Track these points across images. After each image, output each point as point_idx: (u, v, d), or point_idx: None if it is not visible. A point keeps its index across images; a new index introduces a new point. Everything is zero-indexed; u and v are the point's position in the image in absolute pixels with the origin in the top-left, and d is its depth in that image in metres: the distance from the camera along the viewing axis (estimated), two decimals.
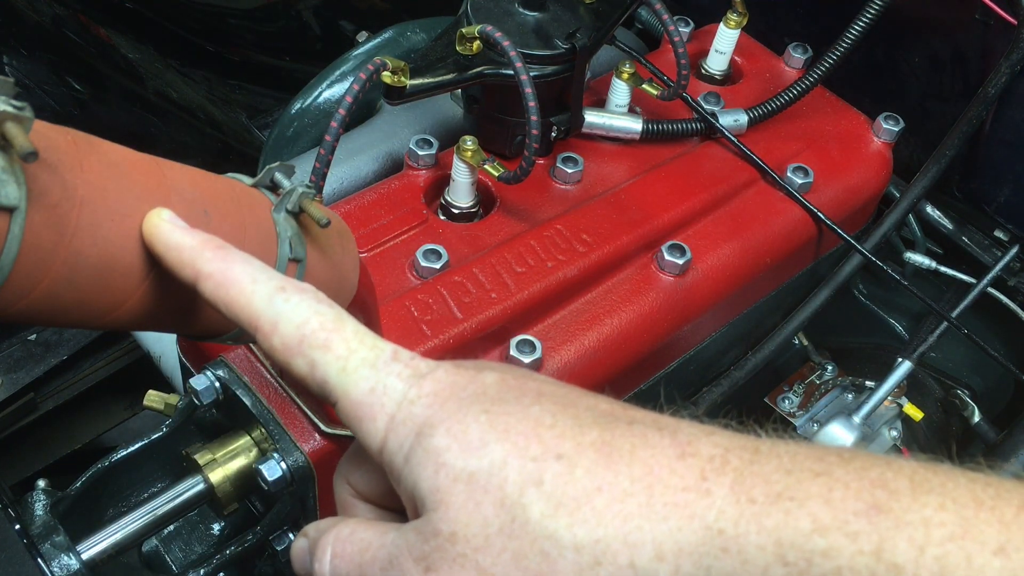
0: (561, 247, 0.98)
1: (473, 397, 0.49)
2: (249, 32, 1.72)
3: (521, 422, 0.47)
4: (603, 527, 0.44)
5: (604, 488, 0.45)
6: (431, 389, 0.49)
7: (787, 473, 0.44)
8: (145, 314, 0.52)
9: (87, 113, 1.46)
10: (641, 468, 0.45)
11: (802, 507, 0.43)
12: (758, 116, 1.15)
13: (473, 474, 0.46)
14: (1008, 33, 1.12)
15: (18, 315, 0.47)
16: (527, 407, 0.48)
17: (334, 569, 0.51)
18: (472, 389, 0.49)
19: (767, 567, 0.43)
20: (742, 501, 0.44)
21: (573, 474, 0.45)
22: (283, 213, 0.58)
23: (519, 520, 0.45)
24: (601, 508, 0.45)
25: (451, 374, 0.50)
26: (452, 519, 0.46)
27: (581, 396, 0.51)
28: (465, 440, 0.47)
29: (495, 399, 0.49)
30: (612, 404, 0.50)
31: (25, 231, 0.43)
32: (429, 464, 0.47)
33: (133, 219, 0.49)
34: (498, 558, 0.45)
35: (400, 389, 0.49)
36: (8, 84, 0.43)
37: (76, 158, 0.46)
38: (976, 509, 0.42)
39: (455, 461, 0.46)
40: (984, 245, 1.29)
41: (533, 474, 0.46)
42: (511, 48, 0.91)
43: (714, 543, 0.43)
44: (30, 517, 0.74)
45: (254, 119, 1.63)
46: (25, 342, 1.38)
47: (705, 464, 0.45)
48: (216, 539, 0.97)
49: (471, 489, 0.46)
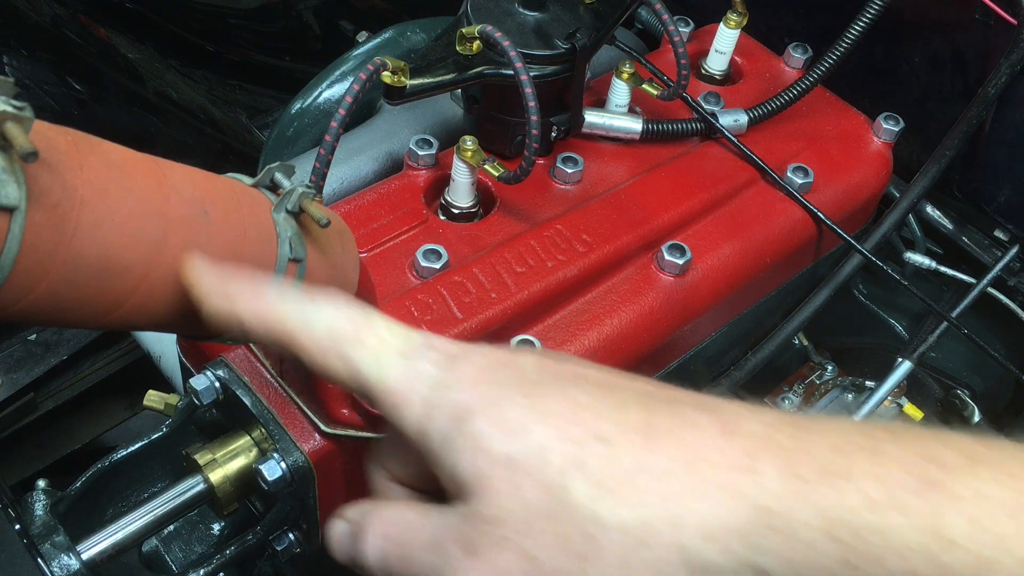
0: (561, 247, 0.98)
1: (511, 380, 0.48)
2: (249, 32, 1.72)
3: (560, 404, 0.47)
4: (648, 508, 0.44)
5: (648, 469, 0.45)
6: (468, 374, 0.49)
7: (834, 449, 0.44)
8: (145, 314, 0.52)
9: (87, 113, 1.46)
10: (684, 448, 0.45)
11: (852, 483, 0.42)
12: (758, 116, 1.15)
13: (514, 458, 0.46)
14: (1008, 33, 1.12)
15: (18, 315, 0.47)
16: (566, 389, 0.48)
17: (381, 551, 0.51)
18: (510, 372, 0.49)
19: (816, 544, 0.42)
20: (789, 479, 0.43)
21: (616, 456, 0.45)
22: (283, 213, 0.58)
23: (562, 503, 0.45)
24: (645, 489, 0.44)
25: (487, 357, 0.50)
26: (494, 503, 0.46)
27: (620, 377, 0.50)
28: (505, 424, 0.46)
29: (534, 382, 0.48)
30: (652, 384, 0.50)
31: (25, 231, 0.43)
32: (469, 449, 0.47)
33: (133, 219, 0.49)
34: (542, 541, 0.45)
35: (433, 374, 0.49)
36: (8, 84, 0.43)
37: (76, 158, 0.46)
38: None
39: (496, 446, 0.46)
40: (984, 245, 1.29)
41: (575, 456, 0.45)
42: (511, 48, 0.91)
43: (762, 521, 0.43)
44: (30, 517, 0.74)
45: (254, 119, 1.63)
46: (25, 342, 1.38)
47: (750, 442, 0.45)
48: (216, 539, 0.97)
49: (513, 473, 0.46)
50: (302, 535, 0.83)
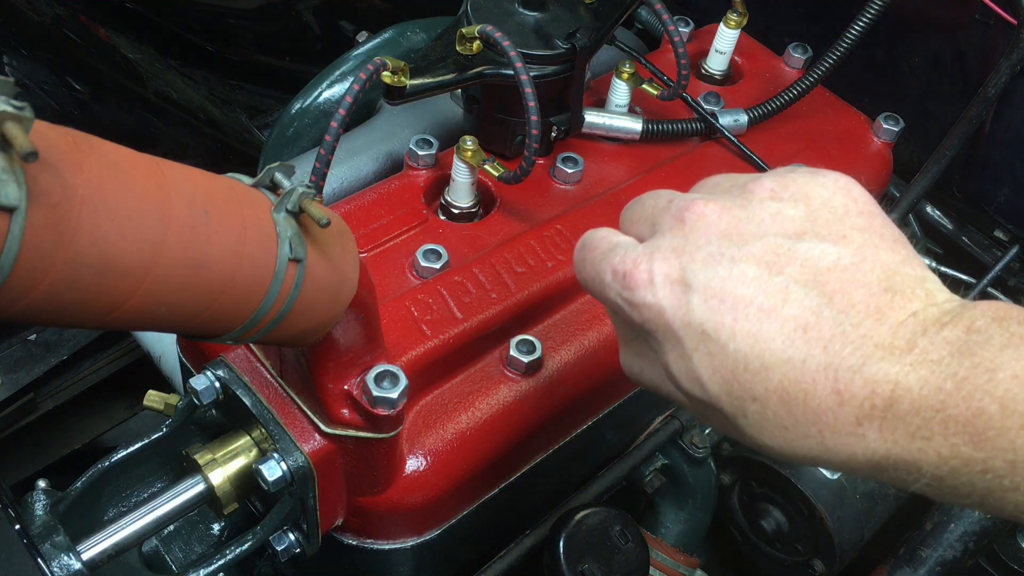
0: (561, 247, 0.98)
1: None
2: (249, 32, 1.72)
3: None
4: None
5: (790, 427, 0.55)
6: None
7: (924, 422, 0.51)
8: (145, 314, 0.52)
9: (87, 113, 1.46)
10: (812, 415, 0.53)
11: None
12: (758, 116, 1.15)
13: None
14: (1008, 33, 1.12)
15: (18, 315, 0.47)
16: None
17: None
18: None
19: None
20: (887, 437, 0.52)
21: (765, 414, 0.55)
22: (283, 213, 0.58)
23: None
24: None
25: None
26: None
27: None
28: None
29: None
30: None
31: (25, 231, 0.43)
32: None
33: (133, 219, 0.49)
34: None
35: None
36: (8, 84, 0.43)
37: (76, 158, 0.46)
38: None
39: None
40: (984, 245, 1.29)
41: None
42: (511, 48, 0.91)
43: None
44: (30, 517, 0.74)
45: (254, 119, 1.63)
46: (25, 342, 1.38)
47: (859, 411, 0.52)
48: (216, 539, 0.97)
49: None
50: (302, 535, 0.83)
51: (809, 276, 0.55)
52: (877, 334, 0.52)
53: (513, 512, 0.98)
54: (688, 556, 1.09)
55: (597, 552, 0.90)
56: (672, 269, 0.58)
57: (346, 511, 0.84)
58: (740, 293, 0.56)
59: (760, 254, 0.57)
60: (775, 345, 0.54)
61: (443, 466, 0.84)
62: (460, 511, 0.90)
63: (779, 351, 0.54)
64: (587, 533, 0.91)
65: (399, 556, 0.88)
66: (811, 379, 0.53)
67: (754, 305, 0.55)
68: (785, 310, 0.55)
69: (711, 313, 0.56)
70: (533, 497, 0.99)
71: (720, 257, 0.57)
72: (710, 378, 0.57)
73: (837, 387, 0.52)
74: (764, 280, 0.56)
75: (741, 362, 0.55)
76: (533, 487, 0.96)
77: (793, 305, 0.54)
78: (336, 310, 0.65)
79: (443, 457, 0.84)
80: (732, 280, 0.56)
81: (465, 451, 0.86)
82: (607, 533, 0.92)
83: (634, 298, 0.60)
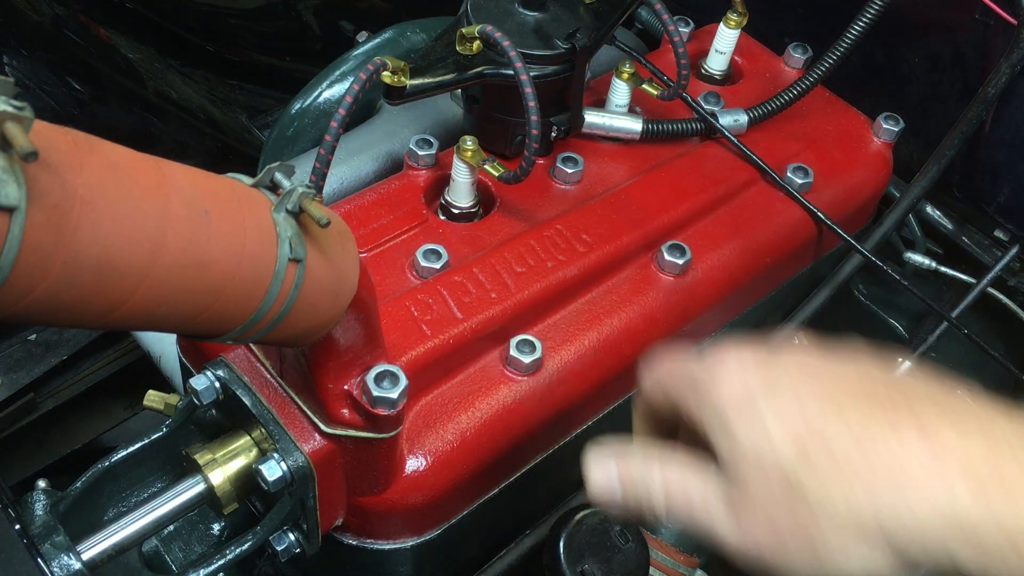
0: (561, 247, 0.98)
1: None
2: (249, 32, 1.71)
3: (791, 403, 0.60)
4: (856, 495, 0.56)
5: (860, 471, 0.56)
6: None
7: (1019, 464, 0.53)
8: (145, 314, 0.52)
9: (87, 113, 1.46)
10: (889, 455, 0.56)
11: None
12: (758, 116, 1.15)
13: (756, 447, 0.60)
14: (1008, 33, 1.12)
15: (18, 315, 0.47)
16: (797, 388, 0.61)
17: (664, 502, 0.64)
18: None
19: (1003, 554, 0.52)
20: (977, 494, 0.53)
21: (833, 456, 0.57)
22: (283, 213, 0.58)
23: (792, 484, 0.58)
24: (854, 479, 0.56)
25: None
26: (743, 477, 0.60)
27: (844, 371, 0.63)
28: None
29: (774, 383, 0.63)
30: (873, 381, 0.61)
31: (25, 231, 0.43)
32: (722, 432, 0.62)
33: (133, 219, 0.49)
34: (780, 509, 0.58)
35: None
36: (8, 84, 0.43)
37: (76, 158, 0.46)
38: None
39: (741, 436, 0.61)
40: (984, 245, 1.29)
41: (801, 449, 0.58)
42: (511, 48, 0.91)
43: (953, 528, 0.53)
44: (30, 517, 0.74)
45: (254, 119, 1.63)
46: (25, 342, 1.38)
47: (944, 451, 0.54)
48: (216, 539, 0.97)
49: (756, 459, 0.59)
50: (302, 535, 0.83)
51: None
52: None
53: (513, 512, 0.98)
54: (688, 556, 1.09)
55: (597, 552, 0.90)
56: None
57: (346, 511, 0.84)
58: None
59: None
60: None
61: (443, 466, 0.84)
62: (460, 511, 0.90)
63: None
64: (587, 533, 0.91)
65: (399, 556, 0.88)
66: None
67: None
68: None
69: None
70: (533, 497, 0.99)
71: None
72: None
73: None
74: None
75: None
76: (533, 487, 0.96)
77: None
78: (336, 310, 0.65)
79: (443, 457, 0.84)
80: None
81: (465, 451, 0.86)
82: (607, 533, 0.91)
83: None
